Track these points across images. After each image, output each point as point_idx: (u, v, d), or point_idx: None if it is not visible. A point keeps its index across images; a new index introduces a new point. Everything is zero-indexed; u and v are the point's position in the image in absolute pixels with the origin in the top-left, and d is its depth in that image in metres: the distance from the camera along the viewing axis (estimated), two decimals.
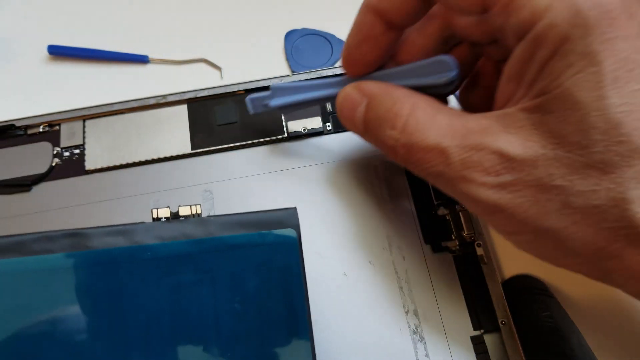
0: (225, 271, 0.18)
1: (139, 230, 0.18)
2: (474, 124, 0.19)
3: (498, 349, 0.24)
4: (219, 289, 0.18)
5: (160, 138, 0.29)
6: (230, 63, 0.33)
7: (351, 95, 0.23)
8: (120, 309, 0.18)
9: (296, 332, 0.18)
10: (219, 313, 0.18)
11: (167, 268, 0.18)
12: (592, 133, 0.16)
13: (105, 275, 0.18)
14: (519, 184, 0.17)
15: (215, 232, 0.18)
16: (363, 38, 0.22)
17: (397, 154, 0.21)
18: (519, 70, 0.18)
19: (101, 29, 0.34)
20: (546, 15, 0.17)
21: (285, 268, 0.18)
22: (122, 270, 0.18)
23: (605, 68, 0.16)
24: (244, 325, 0.18)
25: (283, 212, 0.19)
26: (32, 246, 0.17)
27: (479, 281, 0.25)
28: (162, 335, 0.18)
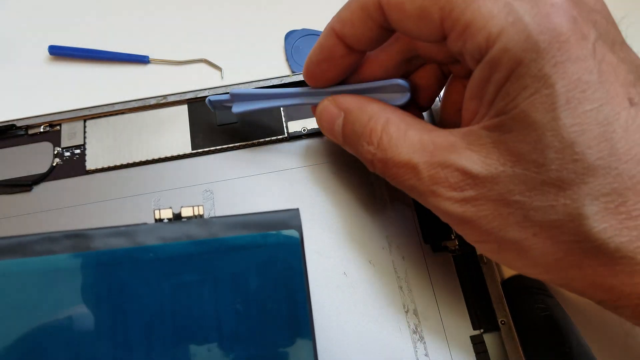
0: (227, 272, 0.18)
1: (141, 231, 0.18)
2: (441, 139, 0.20)
3: (498, 349, 0.24)
4: (222, 290, 0.18)
5: (161, 138, 0.29)
6: (230, 63, 0.33)
7: (328, 109, 0.24)
8: (123, 310, 0.18)
9: (298, 334, 0.18)
10: (221, 314, 0.18)
11: (170, 269, 0.18)
12: (548, 152, 0.17)
13: (108, 277, 0.18)
14: (482, 199, 0.19)
15: (217, 233, 0.18)
16: (324, 58, 0.23)
17: (375, 167, 0.22)
18: (479, 91, 0.19)
19: (102, 30, 0.35)
20: (499, 39, 0.17)
21: (287, 269, 0.19)
22: (125, 271, 0.18)
23: (557, 90, 0.17)
24: (246, 326, 0.18)
25: (286, 213, 0.19)
26: (33, 247, 0.17)
27: (479, 281, 0.25)
28: (164, 336, 0.18)
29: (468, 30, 0.18)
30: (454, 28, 0.19)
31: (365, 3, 0.21)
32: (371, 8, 0.21)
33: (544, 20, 0.17)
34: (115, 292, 0.18)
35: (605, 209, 0.17)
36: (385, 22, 0.21)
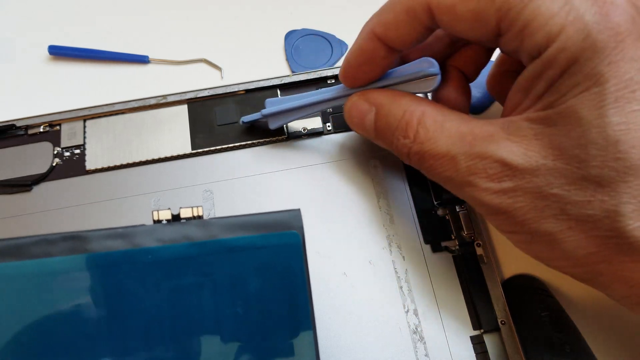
0: (227, 274, 0.18)
1: (139, 233, 0.18)
2: (479, 130, 0.20)
3: (498, 349, 0.24)
4: (221, 292, 0.18)
5: (161, 138, 0.29)
6: (230, 63, 0.33)
7: (358, 104, 0.24)
8: (121, 313, 0.17)
9: (300, 337, 0.18)
10: (221, 316, 0.18)
11: (168, 271, 0.18)
12: (591, 148, 0.17)
13: (106, 279, 0.17)
14: (519, 190, 0.19)
15: (217, 234, 0.18)
16: (365, 60, 0.23)
17: (411, 159, 0.22)
18: (528, 85, 0.19)
19: (102, 30, 0.35)
20: (559, 38, 0.17)
21: (288, 271, 0.18)
22: (123, 273, 0.18)
23: (608, 88, 0.17)
24: (246, 329, 0.18)
25: (286, 214, 0.18)
26: (30, 249, 0.17)
27: (479, 281, 0.25)
28: (163, 339, 0.18)
29: (527, 29, 0.18)
30: (511, 28, 0.18)
31: (412, 6, 0.21)
32: (419, 11, 0.21)
33: (604, 19, 0.17)
34: (113, 294, 0.17)
35: None
36: (432, 24, 0.21)
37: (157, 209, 0.19)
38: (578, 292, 0.26)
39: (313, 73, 0.30)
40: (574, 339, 0.24)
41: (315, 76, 0.30)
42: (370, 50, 0.23)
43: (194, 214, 0.19)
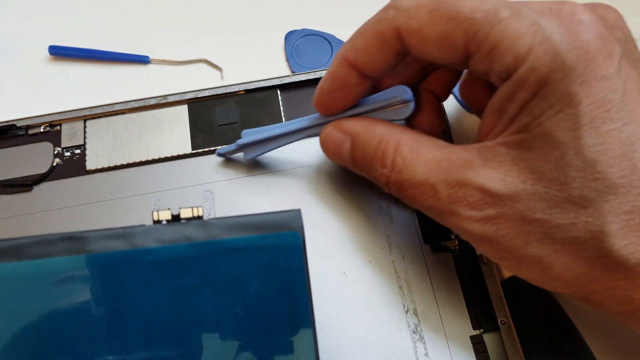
0: (227, 275, 0.18)
1: (139, 233, 0.18)
2: (455, 156, 0.20)
3: (497, 349, 0.24)
4: (221, 293, 0.18)
5: (161, 138, 0.29)
6: (230, 63, 0.33)
7: (332, 135, 0.24)
8: (121, 314, 0.17)
9: (300, 337, 0.18)
10: (221, 317, 0.18)
11: (168, 272, 0.18)
12: (569, 170, 0.17)
13: (105, 280, 0.17)
14: (502, 217, 0.19)
15: (217, 234, 0.18)
16: (337, 87, 0.23)
17: (390, 189, 0.22)
18: (500, 107, 0.19)
19: (102, 30, 0.35)
20: (527, 59, 0.17)
21: (289, 272, 0.18)
22: (122, 274, 0.17)
23: (582, 109, 0.17)
24: (246, 329, 0.18)
25: (287, 214, 0.18)
26: (29, 250, 0.17)
27: (479, 281, 0.25)
28: (163, 339, 0.17)
29: (495, 50, 0.18)
30: (479, 50, 0.18)
31: (381, 31, 0.21)
32: (388, 35, 0.20)
33: (572, 38, 0.17)
34: (113, 295, 0.17)
35: (627, 226, 0.17)
36: (403, 49, 0.21)
37: (157, 209, 0.18)
38: None
39: (313, 73, 0.30)
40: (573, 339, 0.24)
41: (315, 76, 0.30)
42: (342, 77, 0.22)
43: (194, 214, 0.19)
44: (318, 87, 0.24)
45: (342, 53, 0.22)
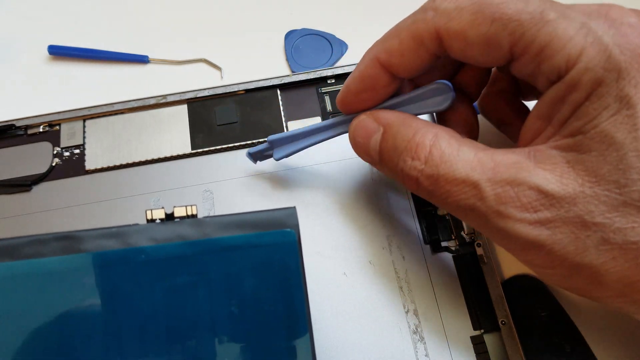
0: (221, 273, 0.18)
1: (132, 232, 0.18)
2: (501, 157, 0.19)
3: (498, 349, 0.24)
4: (216, 291, 0.18)
5: (161, 138, 0.29)
6: (230, 63, 0.33)
7: (365, 123, 0.22)
8: (115, 313, 0.17)
9: (296, 335, 0.18)
10: (216, 316, 0.18)
11: (162, 271, 0.18)
12: (630, 172, 0.17)
13: (99, 279, 0.17)
14: (558, 220, 0.18)
15: (211, 233, 0.18)
16: (365, 87, 0.22)
17: (420, 185, 0.20)
18: (549, 111, 0.18)
19: (101, 29, 0.35)
20: (580, 60, 0.17)
21: (284, 269, 0.18)
22: (116, 273, 0.17)
23: (639, 111, 0.17)
24: (242, 328, 0.18)
25: (282, 212, 0.18)
26: (23, 250, 0.17)
27: (479, 281, 0.25)
28: (158, 339, 0.17)
29: (544, 52, 0.18)
30: (526, 52, 0.18)
31: (419, 32, 0.20)
32: (426, 37, 0.20)
33: (623, 40, 0.17)
34: (107, 294, 0.17)
35: None
36: (440, 50, 0.20)
37: (151, 209, 0.18)
38: None
39: (313, 73, 0.30)
40: (573, 339, 0.24)
41: (315, 76, 0.30)
42: (372, 78, 0.22)
43: (187, 212, 0.18)
44: (344, 86, 0.23)
45: (373, 53, 0.22)
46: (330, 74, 0.30)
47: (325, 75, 0.30)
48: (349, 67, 0.30)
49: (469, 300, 0.25)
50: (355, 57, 0.33)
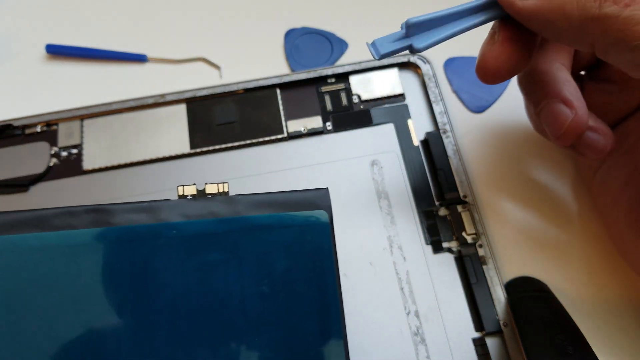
0: (253, 252, 0.18)
1: (164, 208, 0.17)
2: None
3: (500, 351, 0.24)
4: (247, 270, 0.17)
5: (159, 138, 0.28)
6: (229, 62, 0.33)
7: None
8: (145, 288, 0.17)
9: (328, 317, 0.18)
10: (246, 295, 0.17)
11: (193, 247, 0.17)
12: None
13: (129, 254, 0.17)
14: None
15: (242, 211, 0.18)
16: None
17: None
18: None
19: (99, 28, 0.34)
20: None
21: (316, 251, 0.18)
22: (147, 248, 0.17)
23: None
24: (272, 308, 0.17)
25: (314, 193, 0.18)
26: (53, 221, 0.17)
27: (480, 282, 0.25)
28: (187, 315, 0.17)
29: None
30: None
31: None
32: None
33: None
34: (137, 269, 0.17)
35: None
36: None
37: (182, 185, 0.18)
38: (580, 293, 0.26)
39: (313, 72, 0.30)
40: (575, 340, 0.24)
41: (315, 75, 0.30)
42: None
43: (219, 190, 0.18)
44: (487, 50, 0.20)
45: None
46: (330, 72, 0.30)
47: (325, 74, 0.30)
48: (349, 66, 0.30)
49: (470, 302, 0.25)
50: (355, 56, 0.32)
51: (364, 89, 0.30)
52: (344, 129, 0.29)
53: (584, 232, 0.27)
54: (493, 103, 0.31)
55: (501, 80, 0.21)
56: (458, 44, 0.32)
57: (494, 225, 0.27)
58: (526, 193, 0.28)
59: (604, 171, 0.25)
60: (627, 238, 0.24)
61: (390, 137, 0.29)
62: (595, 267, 0.26)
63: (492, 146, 0.29)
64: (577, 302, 0.26)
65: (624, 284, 0.26)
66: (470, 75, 0.31)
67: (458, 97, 0.31)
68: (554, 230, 0.27)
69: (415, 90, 0.30)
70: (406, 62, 0.30)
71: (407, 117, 0.29)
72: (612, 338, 0.25)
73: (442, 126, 0.28)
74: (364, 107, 0.29)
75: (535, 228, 0.27)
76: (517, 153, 0.29)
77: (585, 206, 0.28)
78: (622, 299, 0.26)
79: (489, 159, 0.29)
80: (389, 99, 0.30)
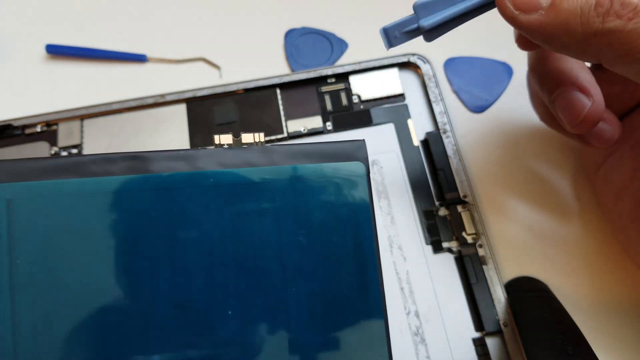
0: (289, 202, 0.18)
1: (201, 156, 0.17)
2: None
3: (500, 351, 0.24)
4: (283, 220, 0.17)
5: (159, 138, 0.28)
6: (229, 62, 0.33)
7: None
8: (182, 236, 0.17)
9: (364, 269, 0.18)
10: (282, 245, 0.17)
11: (230, 196, 0.17)
12: None
13: (166, 201, 0.17)
14: None
15: (279, 161, 0.18)
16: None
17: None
18: None
19: (100, 28, 0.34)
20: None
21: (353, 202, 0.18)
22: (184, 196, 0.17)
23: None
24: (309, 259, 0.17)
25: (351, 144, 0.18)
26: (91, 167, 0.17)
27: (480, 282, 0.25)
28: (224, 262, 0.17)
29: None
30: None
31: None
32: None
33: None
34: (174, 217, 0.17)
35: None
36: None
37: (218, 134, 0.18)
38: (580, 293, 0.26)
39: (313, 72, 0.30)
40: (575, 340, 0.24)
41: (315, 75, 0.30)
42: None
43: (255, 139, 0.18)
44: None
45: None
46: (330, 72, 0.30)
47: (325, 74, 0.30)
48: (349, 66, 0.30)
49: (470, 302, 0.25)
50: (355, 55, 0.32)
51: (364, 89, 0.30)
52: (344, 129, 0.29)
53: (584, 232, 0.27)
54: (493, 103, 0.31)
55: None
56: (458, 44, 0.32)
57: (494, 225, 0.27)
58: (526, 193, 0.28)
59: (608, 165, 0.25)
60: (631, 233, 0.24)
61: (390, 137, 0.29)
62: (595, 267, 0.26)
63: (492, 146, 0.29)
64: (577, 302, 0.26)
65: (624, 284, 0.26)
66: (470, 75, 0.31)
67: (458, 97, 0.31)
68: (554, 230, 0.27)
69: (415, 90, 0.30)
70: (406, 62, 0.30)
71: (407, 117, 0.29)
72: (612, 338, 0.25)
73: (442, 126, 0.28)
74: (364, 107, 0.29)
75: (536, 228, 0.27)
76: (517, 153, 0.29)
77: (586, 206, 0.28)
78: (623, 299, 0.26)
79: (489, 159, 0.29)
80: (389, 99, 0.30)
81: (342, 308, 0.17)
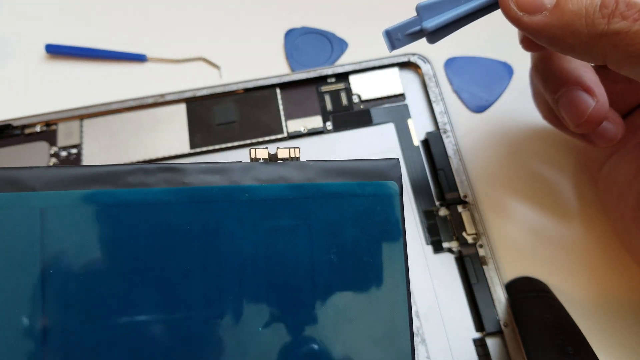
0: (322, 220, 0.18)
1: (236, 170, 0.17)
2: None
3: (500, 351, 0.24)
4: (316, 237, 0.18)
5: (159, 138, 0.28)
6: (229, 62, 0.33)
7: None
8: (215, 249, 0.17)
9: (394, 289, 0.18)
10: (314, 261, 0.17)
11: (265, 211, 0.17)
12: None
13: (201, 214, 0.17)
14: None
15: (313, 177, 0.18)
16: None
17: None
18: None
19: (99, 28, 0.34)
20: None
21: (385, 222, 0.18)
22: (219, 210, 0.17)
23: None
24: (340, 277, 0.17)
25: (385, 163, 0.18)
26: (126, 178, 0.17)
27: (481, 283, 0.25)
28: (256, 278, 0.17)
29: None
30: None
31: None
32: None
33: None
34: (209, 231, 0.17)
35: None
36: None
37: (254, 148, 0.18)
38: (580, 293, 0.26)
39: (313, 72, 0.30)
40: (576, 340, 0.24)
41: (315, 75, 0.30)
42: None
43: (291, 155, 0.18)
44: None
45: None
46: (330, 72, 0.30)
47: (325, 74, 0.30)
48: (349, 66, 0.30)
49: (470, 302, 0.25)
50: (355, 55, 0.32)
51: (364, 88, 0.30)
52: (344, 129, 0.29)
53: (584, 232, 0.27)
54: (493, 103, 0.30)
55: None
56: (458, 44, 0.32)
57: (494, 225, 0.27)
58: (527, 193, 0.28)
59: (611, 164, 0.25)
60: (634, 233, 0.24)
61: (390, 137, 0.28)
62: (595, 267, 0.26)
63: (493, 146, 0.29)
64: (577, 302, 0.26)
65: (624, 284, 0.26)
66: (470, 75, 0.31)
67: (458, 97, 0.31)
68: (555, 231, 0.27)
69: (416, 90, 0.30)
70: (406, 61, 0.30)
71: (407, 117, 0.29)
72: (613, 338, 0.25)
73: (442, 126, 0.28)
74: (364, 107, 0.29)
75: (536, 228, 0.27)
76: (518, 153, 0.29)
77: (586, 206, 0.27)
78: (623, 299, 0.26)
79: (489, 158, 0.29)
80: (389, 98, 0.30)
81: (370, 328, 0.18)
